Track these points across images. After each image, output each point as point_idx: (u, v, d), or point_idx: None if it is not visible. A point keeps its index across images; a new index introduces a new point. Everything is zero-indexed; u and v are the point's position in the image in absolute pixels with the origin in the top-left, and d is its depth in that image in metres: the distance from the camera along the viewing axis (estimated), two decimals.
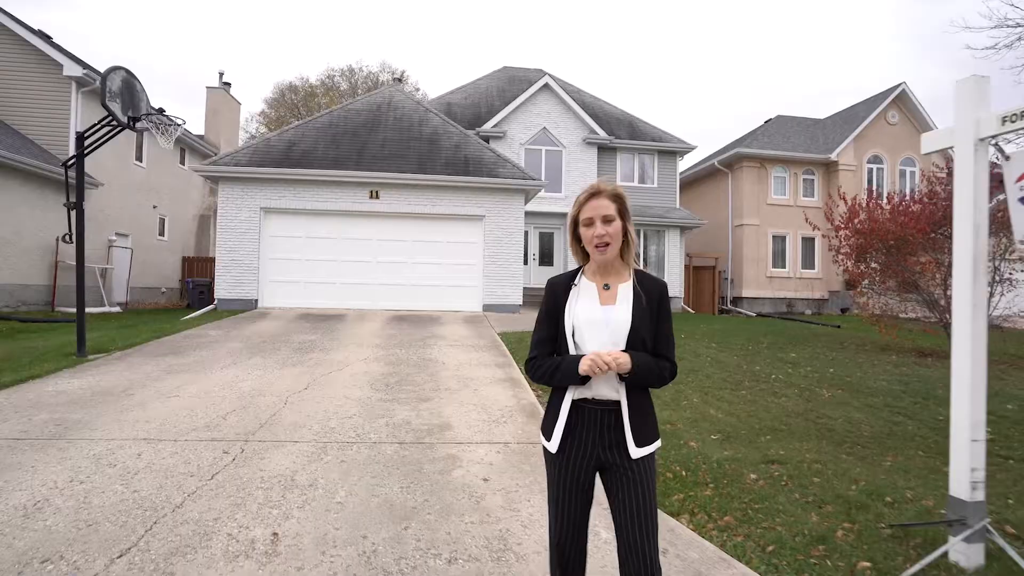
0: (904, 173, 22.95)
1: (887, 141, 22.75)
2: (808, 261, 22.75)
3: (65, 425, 4.38)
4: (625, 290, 1.88)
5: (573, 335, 1.86)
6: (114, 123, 6.69)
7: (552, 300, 1.95)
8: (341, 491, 3.43)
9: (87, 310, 13.81)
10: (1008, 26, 10.29)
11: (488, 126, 18.69)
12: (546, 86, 19.38)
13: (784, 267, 22.41)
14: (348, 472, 3.73)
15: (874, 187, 22.21)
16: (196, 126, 23.26)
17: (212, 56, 65.14)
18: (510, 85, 21.66)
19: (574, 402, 1.85)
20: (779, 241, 22.49)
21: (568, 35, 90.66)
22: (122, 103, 6.61)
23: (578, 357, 1.79)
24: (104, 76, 6.34)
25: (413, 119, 15.17)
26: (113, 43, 65.75)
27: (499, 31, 79.95)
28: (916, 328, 10.63)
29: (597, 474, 1.88)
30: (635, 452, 1.80)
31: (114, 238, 16.00)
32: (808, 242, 22.66)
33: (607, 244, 1.84)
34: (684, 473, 4.06)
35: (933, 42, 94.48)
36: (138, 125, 6.92)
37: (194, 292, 16.30)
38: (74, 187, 6.80)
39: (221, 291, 12.88)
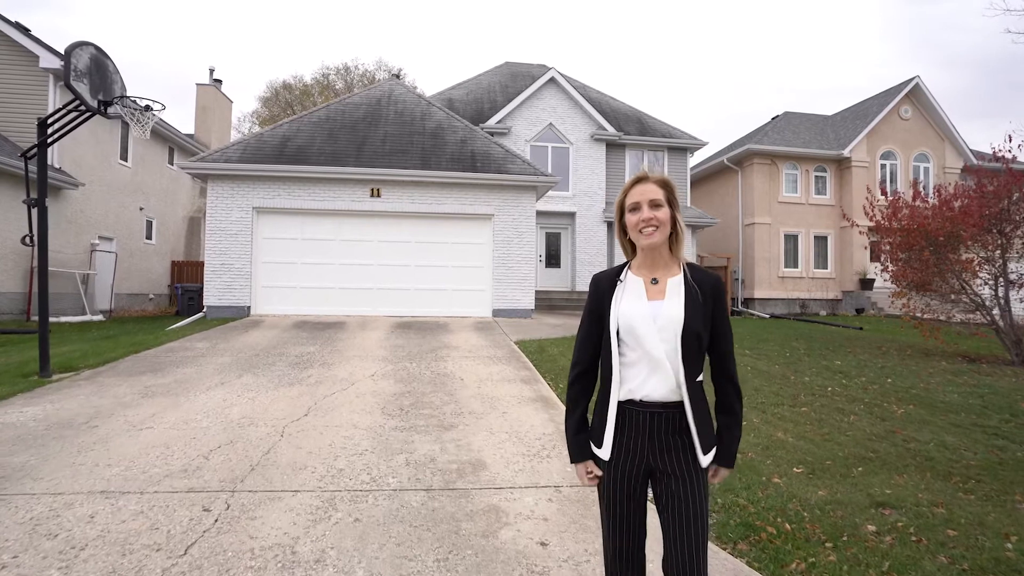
0: (918, 169, 22.25)
1: (901, 136, 22.04)
2: (820, 260, 22.01)
3: (2, 473, 3.49)
4: (675, 283, 1.76)
5: (619, 334, 1.75)
6: (82, 108, 5.80)
7: (596, 297, 1.85)
8: (359, 571, 2.57)
9: (65, 319, 12.92)
10: None
11: (492, 122, 17.85)
12: (552, 80, 18.56)
13: (796, 267, 21.65)
14: (365, 537, 2.87)
15: (887, 184, 21.54)
16: (186, 124, 22.39)
17: (203, 57, 64.11)
18: (513, 81, 20.84)
19: (620, 404, 1.76)
20: (791, 240, 21.74)
21: (566, 32, 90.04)
22: (90, 84, 5.71)
23: (582, 441, 1.86)
24: (68, 52, 5.45)
25: (415, 113, 14.31)
26: (102, 43, 64.46)
27: (497, 28, 79.27)
28: (964, 331, 9.83)
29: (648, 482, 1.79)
30: (704, 460, 1.73)
31: (97, 242, 15.03)
32: (820, 241, 21.95)
33: (655, 228, 1.73)
34: (788, 526, 3.22)
35: (925, 40, 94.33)
36: (110, 111, 6.03)
37: (184, 298, 15.35)
38: (36, 182, 5.89)
39: (211, 298, 11.96)
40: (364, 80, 34.40)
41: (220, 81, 22.92)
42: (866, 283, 21.00)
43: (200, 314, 12.10)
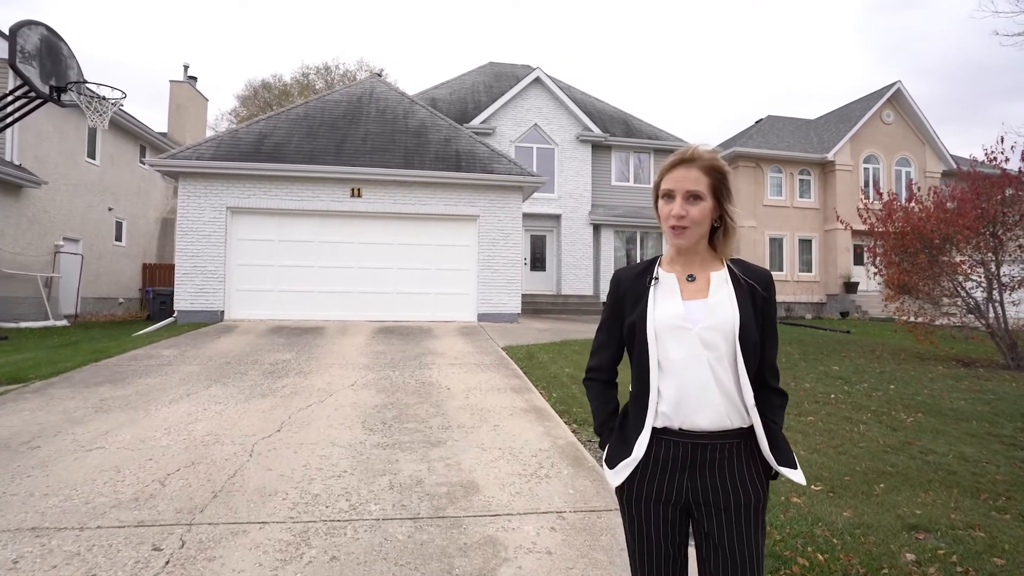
0: (900, 173, 22.40)
1: (883, 140, 22.19)
2: (805, 264, 22.04)
3: None
4: (719, 279, 1.47)
5: (656, 341, 1.42)
6: (32, 94, 5.29)
7: (617, 298, 1.56)
8: None
9: (26, 325, 12.20)
10: None
11: (476, 122, 17.48)
12: (537, 80, 18.27)
13: (781, 270, 21.63)
14: None
15: (870, 187, 21.63)
16: (159, 123, 21.64)
17: (179, 55, 62.81)
18: (497, 81, 20.51)
19: (655, 431, 1.43)
20: (775, 243, 21.77)
21: (549, 36, 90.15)
22: (41, 68, 5.21)
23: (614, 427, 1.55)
24: (13, 32, 4.94)
25: (398, 111, 13.87)
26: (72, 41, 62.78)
27: (480, 31, 79.00)
28: (959, 335, 9.68)
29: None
30: (798, 477, 1.43)
31: (62, 243, 14.30)
32: (805, 244, 21.99)
33: (685, 228, 1.42)
34: (820, 557, 2.88)
35: (894, 51, 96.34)
36: (64, 98, 5.53)
37: (155, 302, 14.71)
38: None
39: (182, 302, 11.38)
40: (345, 80, 33.81)
41: (195, 78, 22.24)
42: (850, 286, 21.05)
43: (170, 319, 11.52)
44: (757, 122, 25.35)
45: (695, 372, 1.39)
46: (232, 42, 64.24)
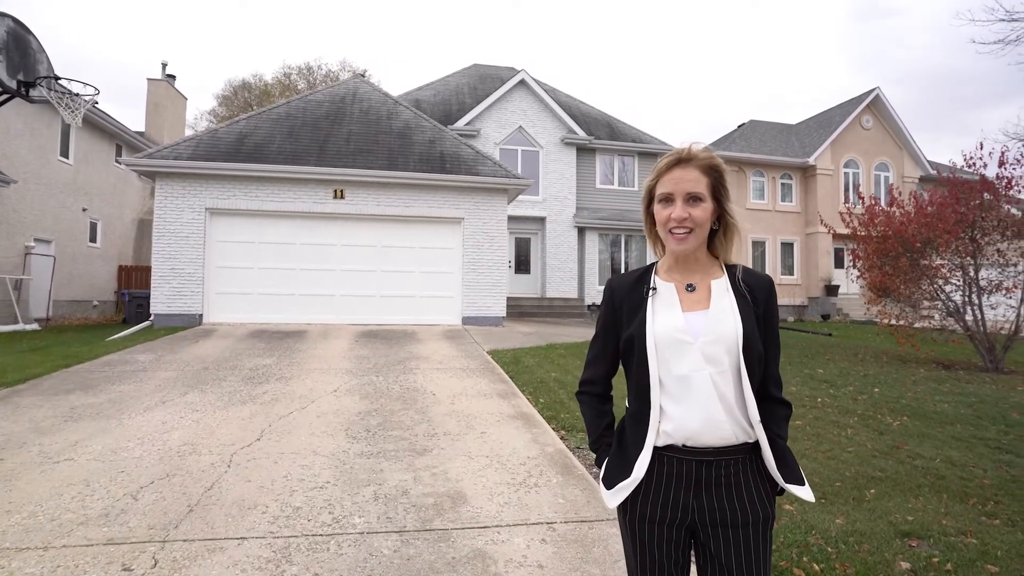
0: (879, 178, 22.75)
1: (862, 145, 22.52)
2: (787, 267, 22.26)
3: None
4: (720, 287, 1.39)
5: (657, 357, 1.34)
6: None
7: (612, 308, 1.48)
8: None
9: None
10: (1016, 19, 9.70)
11: (460, 124, 17.37)
12: (522, 83, 18.22)
13: None
14: None
15: (851, 191, 21.96)
16: (136, 122, 21.19)
17: (158, 53, 61.70)
18: (481, 83, 20.42)
19: (656, 450, 1.36)
20: (758, 247, 21.96)
21: (533, 40, 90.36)
22: (8, 62, 5.00)
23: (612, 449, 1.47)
24: None
25: (381, 112, 13.70)
26: (48, 37, 61.29)
27: (464, 33, 78.85)
28: (939, 338, 9.80)
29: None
30: (806, 494, 1.38)
31: (32, 244, 13.88)
32: (787, 247, 22.22)
33: (689, 231, 1.35)
34: (817, 567, 2.83)
35: (870, 60, 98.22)
36: (34, 93, 5.32)
37: (131, 305, 14.32)
38: None
39: (158, 305, 11.10)
40: (327, 80, 33.47)
41: (173, 77, 21.81)
42: (831, 289, 21.31)
43: (147, 323, 11.22)
44: (739, 126, 25.58)
45: (698, 388, 1.33)
46: (212, 41, 63.33)
